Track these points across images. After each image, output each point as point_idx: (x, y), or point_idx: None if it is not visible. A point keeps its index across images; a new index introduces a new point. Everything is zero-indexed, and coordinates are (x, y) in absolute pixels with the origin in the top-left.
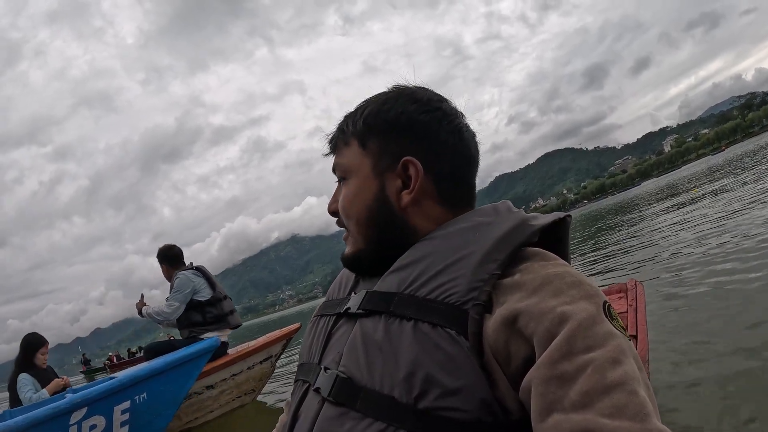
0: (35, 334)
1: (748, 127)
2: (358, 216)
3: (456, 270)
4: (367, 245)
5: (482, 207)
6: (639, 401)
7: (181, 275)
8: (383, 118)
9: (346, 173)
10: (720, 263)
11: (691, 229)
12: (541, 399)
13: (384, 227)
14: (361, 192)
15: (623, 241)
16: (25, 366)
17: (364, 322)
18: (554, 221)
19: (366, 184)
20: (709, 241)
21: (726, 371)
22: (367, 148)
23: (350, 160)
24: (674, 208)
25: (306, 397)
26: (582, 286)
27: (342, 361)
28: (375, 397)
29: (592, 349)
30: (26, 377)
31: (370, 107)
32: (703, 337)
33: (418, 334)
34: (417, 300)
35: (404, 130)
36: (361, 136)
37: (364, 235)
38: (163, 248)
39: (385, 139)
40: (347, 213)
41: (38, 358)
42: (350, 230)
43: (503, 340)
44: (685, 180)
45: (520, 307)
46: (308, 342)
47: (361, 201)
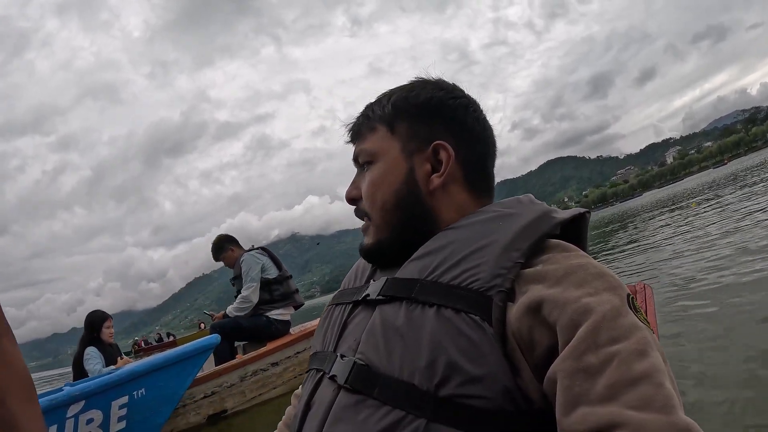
0: (98, 311)
1: (752, 141)
2: (384, 200)
3: (479, 257)
4: (391, 233)
5: (505, 199)
6: (665, 393)
7: (247, 256)
8: (412, 102)
9: (372, 157)
10: (722, 272)
11: (690, 240)
12: (566, 392)
13: (410, 212)
14: (389, 174)
15: (622, 246)
16: (90, 341)
17: (384, 309)
18: (575, 216)
19: (394, 166)
20: (709, 251)
21: (737, 376)
22: (396, 131)
23: (377, 144)
24: (673, 220)
25: (320, 386)
26: (605, 277)
27: (360, 348)
28: (394, 385)
29: (618, 341)
30: (93, 350)
31: (397, 93)
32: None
33: (441, 319)
34: (440, 286)
35: (434, 113)
36: (390, 119)
37: (388, 222)
38: (216, 241)
39: (415, 122)
40: (372, 197)
41: (103, 332)
42: (373, 217)
43: (527, 328)
44: (686, 193)
45: (544, 295)
46: (322, 331)
47: (388, 184)
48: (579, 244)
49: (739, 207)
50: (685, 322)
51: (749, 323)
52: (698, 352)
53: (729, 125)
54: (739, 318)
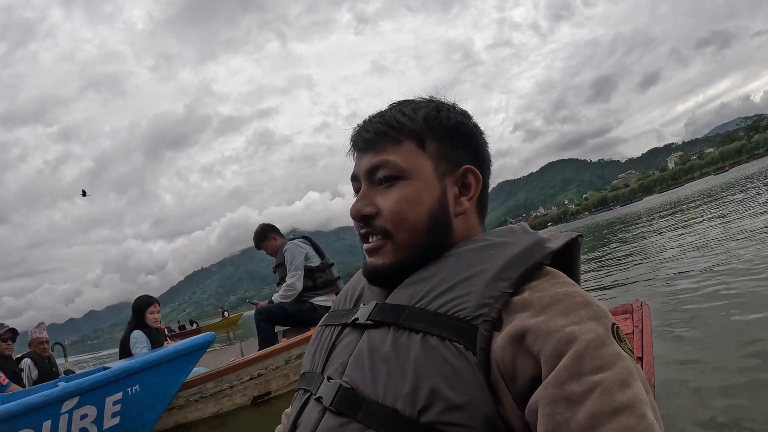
0: (144, 296)
1: (753, 148)
2: (417, 222)
3: (468, 286)
4: (413, 254)
5: (498, 228)
6: (647, 425)
7: (291, 245)
8: (443, 123)
9: (403, 173)
10: (721, 284)
11: (690, 249)
12: (548, 420)
13: (438, 235)
14: (424, 194)
15: (619, 256)
16: (137, 325)
17: (372, 334)
18: (567, 242)
19: (429, 185)
20: (708, 261)
21: (733, 395)
22: (426, 149)
23: (407, 160)
24: (672, 228)
25: (306, 407)
26: (591, 306)
27: (346, 371)
28: (377, 409)
29: (601, 370)
30: (140, 333)
31: (424, 110)
32: (708, 359)
33: (426, 346)
34: (427, 313)
35: (462, 139)
36: (420, 136)
37: (416, 243)
38: (259, 229)
39: (445, 144)
40: (402, 216)
41: (148, 317)
42: (397, 237)
43: (510, 357)
44: (687, 198)
45: (527, 325)
46: (312, 351)
47: (423, 204)
48: (571, 268)
49: (738, 215)
50: (682, 338)
51: (747, 341)
52: (693, 370)
53: (731, 132)
54: (737, 334)
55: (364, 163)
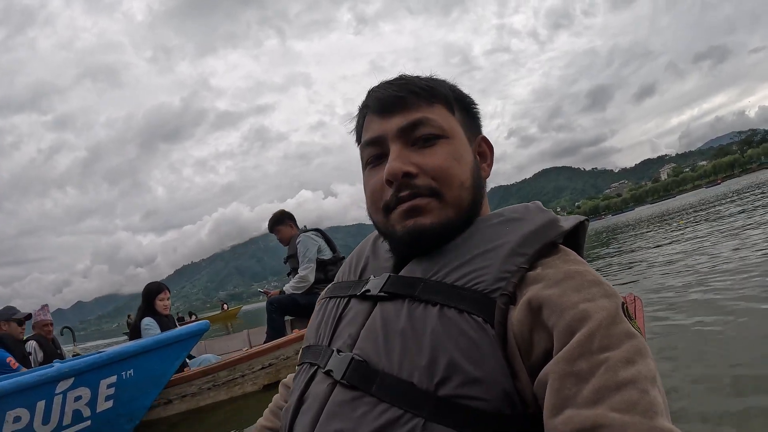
0: (155, 282)
1: (746, 162)
2: (464, 178)
3: (485, 260)
4: (461, 213)
5: (514, 205)
6: (649, 399)
7: (303, 237)
8: (464, 96)
9: (443, 132)
10: (707, 285)
11: (677, 257)
12: (555, 394)
13: (480, 195)
14: (465, 153)
15: (609, 259)
16: (147, 312)
17: (386, 306)
18: (577, 224)
19: (465, 146)
20: (694, 266)
21: (724, 388)
22: (456, 115)
23: (444, 120)
24: (661, 236)
25: (314, 380)
26: (602, 284)
27: (357, 344)
28: (393, 382)
29: (609, 348)
30: (151, 320)
31: (446, 83)
32: (698, 354)
33: (444, 319)
34: (444, 286)
35: (475, 113)
36: (449, 102)
37: (465, 201)
38: (277, 213)
39: (466, 114)
40: (449, 173)
41: (158, 304)
42: (445, 194)
43: (528, 330)
44: (677, 209)
45: (543, 296)
46: (316, 323)
47: (467, 164)
48: (576, 250)
49: (728, 224)
50: (671, 334)
51: (737, 336)
52: (683, 363)
53: (725, 146)
54: (726, 331)
55: (394, 121)
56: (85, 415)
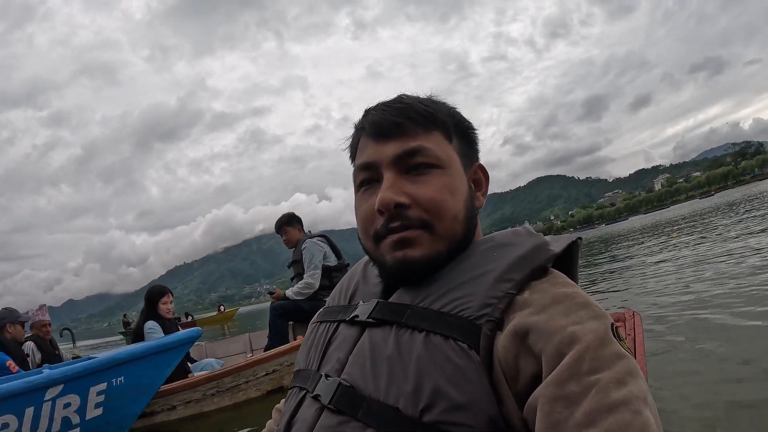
0: (158, 285)
1: (740, 174)
2: (456, 211)
3: (472, 286)
4: (450, 245)
5: (503, 231)
6: (643, 420)
7: (309, 243)
8: (463, 122)
9: (439, 162)
10: (703, 302)
11: (671, 269)
12: (546, 418)
13: (471, 226)
14: (460, 184)
15: (604, 273)
16: (150, 315)
17: (374, 332)
18: (568, 244)
19: (461, 177)
20: (688, 279)
21: (721, 404)
22: (453, 144)
23: (441, 149)
24: (655, 249)
25: (302, 405)
26: (591, 307)
27: (345, 369)
28: (379, 408)
29: (599, 370)
30: (154, 324)
31: (444, 106)
32: (696, 368)
33: (429, 345)
34: (431, 312)
35: (473, 140)
36: (447, 129)
37: (456, 233)
38: (288, 214)
39: (464, 141)
40: (443, 205)
41: (161, 307)
42: (437, 227)
43: (513, 356)
44: (671, 220)
45: (530, 322)
46: (306, 348)
47: (461, 195)
48: (569, 268)
49: (722, 236)
50: (670, 350)
51: (735, 351)
52: (679, 379)
53: (719, 157)
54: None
55: (390, 148)
56: (74, 422)
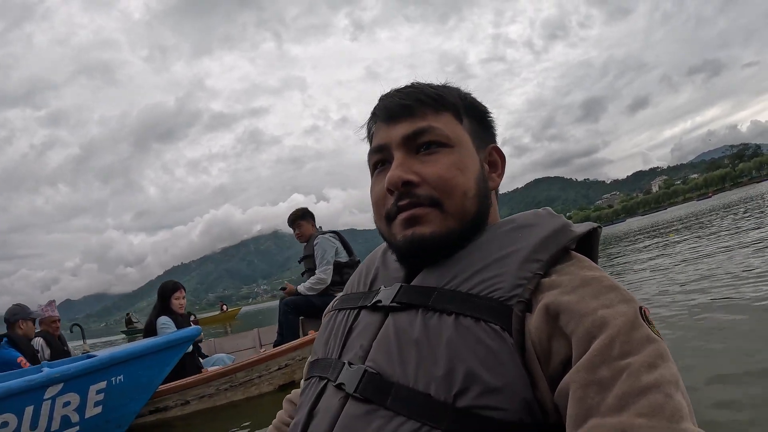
0: (171, 281)
1: (738, 176)
2: (468, 186)
3: (499, 267)
4: (463, 222)
5: (524, 212)
6: (674, 404)
7: (321, 239)
8: (475, 103)
9: (448, 140)
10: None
11: (668, 270)
12: (578, 404)
13: (483, 205)
14: (470, 162)
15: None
16: (162, 311)
17: (398, 316)
18: (589, 230)
19: (472, 155)
20: (685, 279)
21: (729, 397)
22: (463, 124)
23: (450, 129)
24: (652, 249)
25: (324, 394)
26: (619, 290)
27: (370, 356)
28: (408, 394)
29: (630, 354)
30: (167, 319)
31: (455, 90)
32: (695, 365)
33: (460, 328)
34: (459, 294)
35: (489, 122)
36: (458, 111)
37: (467, 210)
38: (302, 208)
39: (476, 122)
40: (452, 182)
41: (173, 303)
42: (446, 204)
43: (546, 337)
44: (668, 222)
45: (561, 302)
46: (324, 337)
47: (471, 173)
48: (590, 256)
49: (718, 236)
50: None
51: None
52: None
53: (716, 159)
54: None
55: (399, 129)
56: (74, 420)
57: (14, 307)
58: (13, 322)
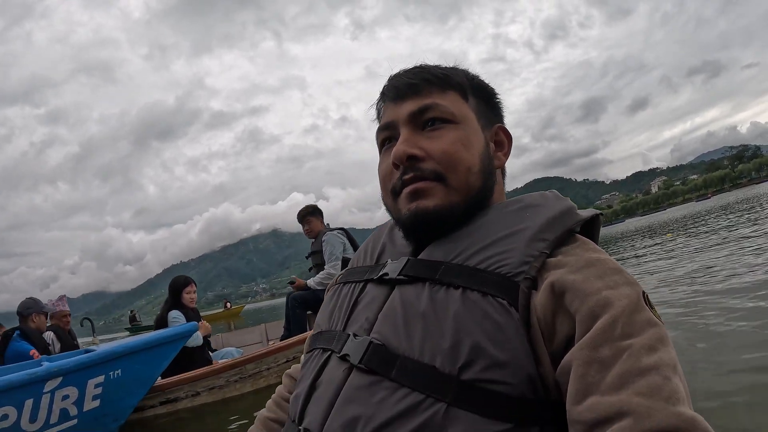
0: (181, 276)
1: (737, 177)
2: (472, 162)
3: (507, 243)
4: (466, 197)
5: (531, 193)
6: (672, 386)
7: (330, 235)
8: (482, 84)
9: (453, 117)
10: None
11: (665, 270)
12: (579, 380)
13: (487, 181)
14: (474, 139)
15: None
16: (174, 304)
17: (405, 289)
18: (592, 216)
19: (476, 133)
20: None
21: (725, 394)
22: (469, 102)
23: (455, 106)
24: (650, 249)
25: (328, 365)
26: (623, 273)
27: (375, 328)
28: (414, 366)
29: (631, 336)
30: (178, 313)
31: (462, 71)
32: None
33: (467, 302)
34: (467, 269)
35: (496, 103)
36: (464, 89)
37: (470, 185)
38: (312, 205)
39: (482, 101)
40: (456, 157)
41: (184, 297)
42: (450, 178)
43: (551, 314)
44: (667, 222)
45: (567, 281)
46: (329, 309)
47: (476, 149)
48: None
49: (715, 236)
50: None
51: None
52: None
53: (716, 160)
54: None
55: (406, 107)
56: (72, 414)
57: (28, 300)
58: (26, 315)
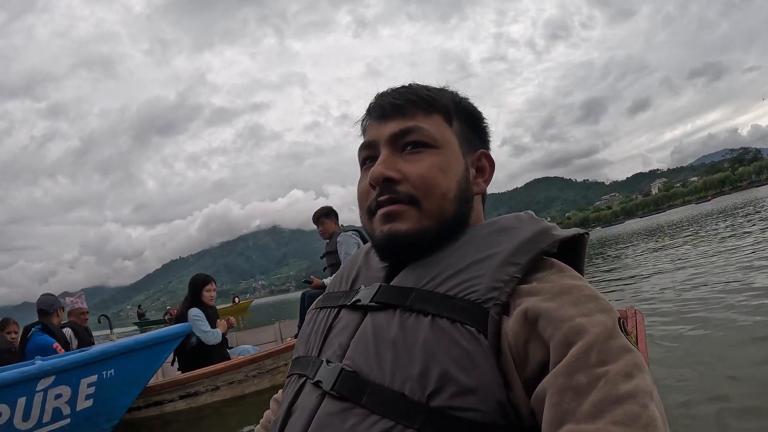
0: (201, 274)
1: (737, 180)
2: (448, 188)
3: (477, 269)
4: (439, 223)
5: (506, 215)
6: (650, 414)
7: (344, 236)
8: (468, 108)
9: (434, 141)
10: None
11: (664, 271)
12: (554, 408)
13: (463, 208)
14: (453, 164)
15: (602, 274)
16: (193, 302)
17: (376, 316)
18: (574, 236)
19: (456, 158)
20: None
21: (723, 399)
22: (453, 126)
23: (438, 130)
24: (648, 252)
25: (303, 391)
26: (598, 300)
27: (347, 354)
28: (384, 393)
29: (607, 362)
30: (198, 311)
31: (449, 93)
32: (697, 366)
33: (436, 329)
34: (437, 295)
35: (481, 127)
36: (448, 113)
37: (444, 211)
38: (327, 207)
39: (467, 126)
40: (433, 182)
41: (204, 295)
42: (424, 203)
43: (523, 341)
44: (669, 224)
45: (541, 308)
46: (306, 335)
47: (454, 175)
48: (575, 264)
49: (714, 239)
50: (671, 348)
51: (733, 348)
52: (682, 376)
53: (716, 162)
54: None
55: (388, 127)
56: (65, 413)
57: (49, 297)
58: (51, 312)
